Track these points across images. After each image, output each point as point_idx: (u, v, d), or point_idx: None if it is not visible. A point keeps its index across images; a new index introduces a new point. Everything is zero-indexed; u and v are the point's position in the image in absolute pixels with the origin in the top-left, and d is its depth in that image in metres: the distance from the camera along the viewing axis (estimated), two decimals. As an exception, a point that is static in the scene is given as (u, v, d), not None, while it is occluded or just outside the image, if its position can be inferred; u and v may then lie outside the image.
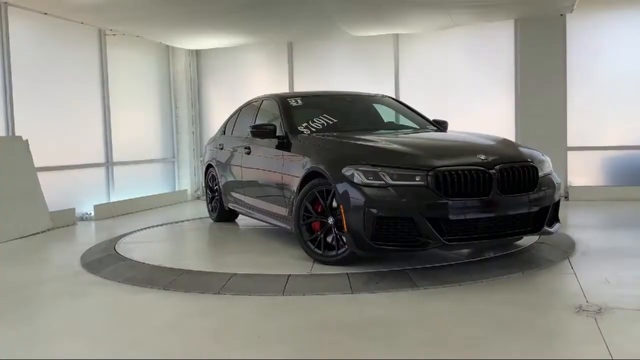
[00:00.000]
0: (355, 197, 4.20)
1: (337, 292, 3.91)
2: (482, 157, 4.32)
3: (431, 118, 6.14)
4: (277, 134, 5.46)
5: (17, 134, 7.20)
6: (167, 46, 10.37)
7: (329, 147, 4.88)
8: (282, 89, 9.91)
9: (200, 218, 7.84)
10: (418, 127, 5.96)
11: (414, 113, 6.23)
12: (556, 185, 4.66)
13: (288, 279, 4.20)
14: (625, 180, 8.69)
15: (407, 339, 3.05)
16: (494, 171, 4.21)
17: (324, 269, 4.44)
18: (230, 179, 6.66)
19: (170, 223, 7.50)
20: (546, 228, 4.55)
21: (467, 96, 9.22)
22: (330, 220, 4.52)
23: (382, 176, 4.17)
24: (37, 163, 7.24)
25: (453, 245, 4.23)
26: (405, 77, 9.53)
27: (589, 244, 5.23)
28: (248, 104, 6.83)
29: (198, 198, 10.62)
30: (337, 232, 4.49)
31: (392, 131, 5.77)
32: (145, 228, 7.04)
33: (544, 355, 2.79)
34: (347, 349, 2.94)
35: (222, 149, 6.96)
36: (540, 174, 4.51)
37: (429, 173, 4.12)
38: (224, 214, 7.08)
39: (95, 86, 8.74)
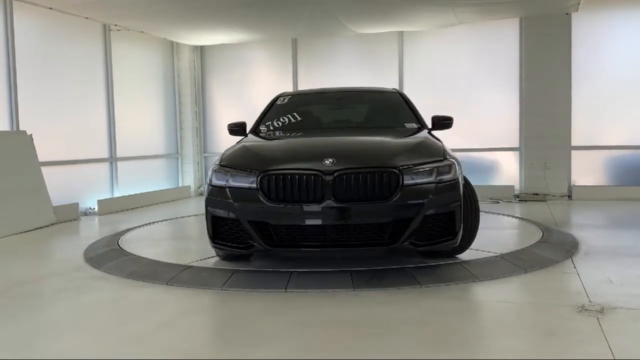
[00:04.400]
0: (205, 196, 4.40)
1: (339, 289, 3.92)
2: (328, 161, 4.06)
3: (435, 115, 5.94)
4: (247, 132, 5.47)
5: (21, 128, 7.22)
6: (172, 42, 10.38)
7: (235, 147, 4.79)
8: (286, 85, 9.90)
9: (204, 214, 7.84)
10: (392, 127, 5.39)
11: (410, 112, 5.69)
12: (431, 195, 4.01)
13: (290, 275, 4.21)
14: (629, 180, 8.67)
15: (407, 337, 3.05)
16: (329, 177, 3.98)
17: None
18: None
19: (174, 218, 7.52)
20: (406, 243, 4.03)
21: (472, 94, 9.20)
22: None
23: (226, 177, 4.26)
24: (41, 158, 7.27)
25: (277, 251, 4.18)
26: (409, 75, 9.52)
27: (592, 244, 5.21)
28: None
29: (201, 194, 10.63)
30: None
31: (348, 130, 5.43)
32: (148, 223, 7.06)
33: (545, 355, 2.78)
34: (347, 346, 2.94)
35: None
36: (411, 181, 4.02)
37: (259, 176, 4.11)
38: None
39: (100, 81, 8.75)
